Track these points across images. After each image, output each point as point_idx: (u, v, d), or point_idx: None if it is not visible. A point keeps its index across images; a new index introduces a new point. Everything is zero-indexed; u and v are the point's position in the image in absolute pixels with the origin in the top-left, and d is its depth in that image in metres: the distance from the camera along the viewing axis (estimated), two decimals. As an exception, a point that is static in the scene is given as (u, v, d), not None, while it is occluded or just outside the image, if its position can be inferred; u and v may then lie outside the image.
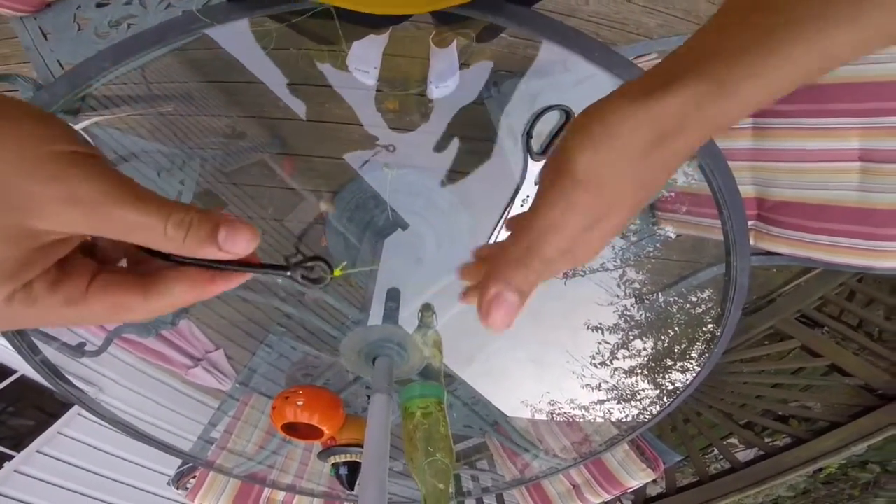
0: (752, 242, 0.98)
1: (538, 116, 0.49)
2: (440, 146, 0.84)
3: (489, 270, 0.27)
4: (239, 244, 0.22)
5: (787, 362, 2.25)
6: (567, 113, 0.49)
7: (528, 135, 0.51)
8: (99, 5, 0.92)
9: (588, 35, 0.46)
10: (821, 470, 2.83)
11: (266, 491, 1.30)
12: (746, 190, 0.95)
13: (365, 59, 0.96)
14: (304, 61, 0.77)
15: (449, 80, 0.97)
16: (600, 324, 1.02)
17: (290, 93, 0.85)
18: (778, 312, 2.19)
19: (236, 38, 0.60)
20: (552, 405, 1.09)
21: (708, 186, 0.56)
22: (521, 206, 0.58)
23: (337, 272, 0.25)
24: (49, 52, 0.93)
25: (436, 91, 0.99)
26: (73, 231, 0.19)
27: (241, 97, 0.89)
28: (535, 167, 0.55)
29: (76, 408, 2.69)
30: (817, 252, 0.92)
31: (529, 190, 0.57)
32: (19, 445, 2.54)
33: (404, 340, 0.64)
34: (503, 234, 0.66)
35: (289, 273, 0.25)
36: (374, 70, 1.01)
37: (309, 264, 0.25)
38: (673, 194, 1.00)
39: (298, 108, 0.88)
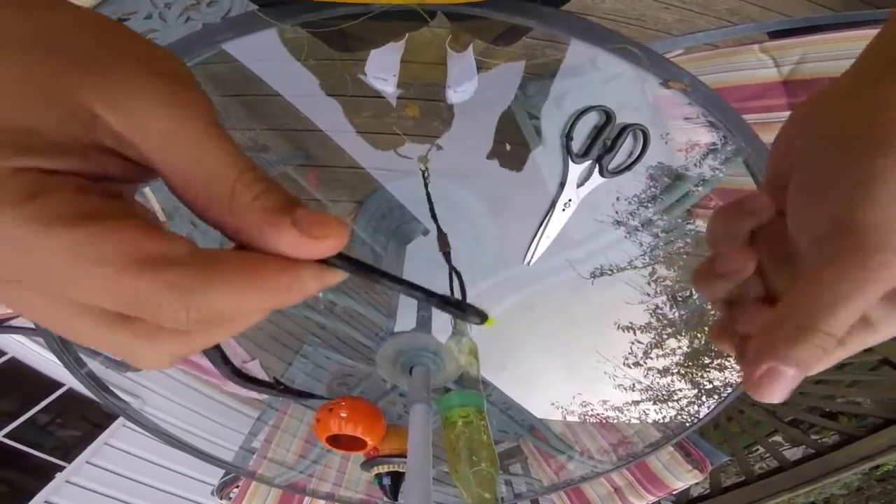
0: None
1: (578, 118, 0.48)
2: (465, 150, 0.84)
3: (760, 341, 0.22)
4: (324, 227, 0.17)
5: (833, 356, 2.15)
6: (607, 114, 0.48)
7: (568, 137, 0.51)
8: (120, 20, 0.95)
9: (616, 33, 0.45)
10: (876, 467, 2.70)
11: (306, 500, 1.32)
12: None
13: (383, 66, 0.96)
14: (325, 70, 0.78)
15: (467, 85, 0.97)
16: (631, 323, 1.00)
17: (311, 103, 0.86)
18: (821, 304, 2.10)
19: (253, 49, 0.61)
20: (584, 407, 1.08)
21: (753, 181, 0.54)
22: (563, 210, 0.57)
23: (489, 323, 0.25)
24: None
25: (454, 96, 0.99)
26: (123, 130, 0.15)
27: (262, 109, 0.91)
28: (575, 170, 0.54)
29: (121, 419, 2.80)
30: None
31: (571, 193, 0.57)
32: (68, 456, 2.66)
33: (439, 349, 0.64)
34: (545, 242, 0.66)
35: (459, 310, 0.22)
36: (393, 77, 1.02)
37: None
38: (708, 191, 0.98)
39: (319, 118, 0.89)
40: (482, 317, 0.23)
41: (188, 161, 0.16)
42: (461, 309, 0.22)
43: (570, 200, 0.59)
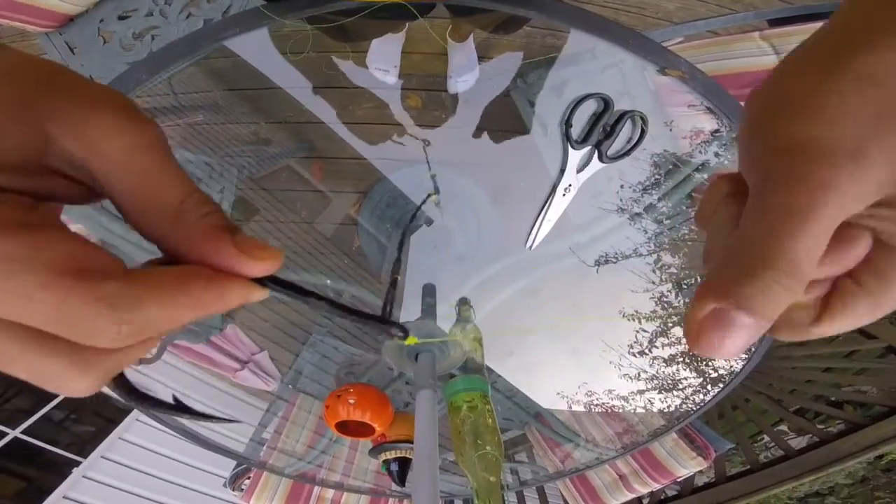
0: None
1: (577, 105, 0.49)
2: (467, 139, 0.84)
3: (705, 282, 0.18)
4: (263, 250, 0.18)
5: (839, 345, 2.14)
6: (605, 101, 0.48)
7: (567, 123, 0.51)
8: (121, 17, 0.95)
9: (615, 22, 0.45)
10: (881, 457, 2.69)
11: (316, 489, 1.34)
12: None
13: (385, 57, 0.97)
14: (326, 63, 0.79)
15: (468, 75, 0.97)
16: (636, 311, 1.00)
17: (313, 96, 0.87)
18: (828, 293, 2.09)
19: (255, 43, 0.61)
20: (589, 396, 1.08)
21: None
22: (564, 195, 0.58)
23: (411, 340, 0.27)
24: (80, 66, 0.96)
25: (456, 85, 0.99)
26: (82, 156, 0.16)
27: (264, 103, 0.91)
28: (575, 156, 0.54)
29: (134, 413, 2.83)
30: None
31: (571, 179, 0.57)
32: (83, 451, 2.70)
33: (444, 336, 0.65)
34: (546, 227, 0.67)
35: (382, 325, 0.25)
36: (395, 69, 1.02)
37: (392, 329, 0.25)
38: (706, 177, 0.98)
39: (321, 111, 0.90)
40: (405, 332, 0.25)
41: (139, 180, 0.17)
42: (388, 324, 0.25)
43: (570, 185, 0.60)
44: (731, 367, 1.02)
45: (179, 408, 0.27)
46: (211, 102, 0.90)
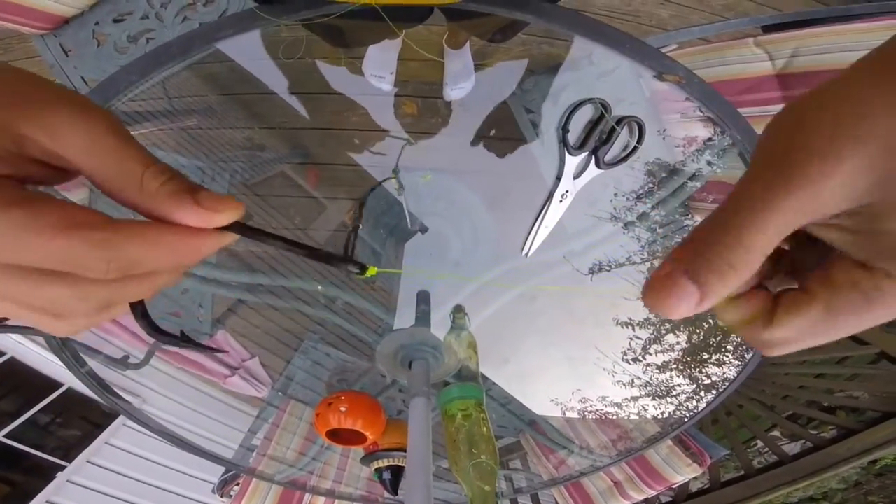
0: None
1: (574, 111, 0.49)
2: (463, 146, 0.84)
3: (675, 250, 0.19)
4: (221, 203, 0.21)
5: (832, 351, 2.16)
6: (603, 105, 0.48)
7: (564, 129, 0.51)
8: (116, 20, 0.94)
9: (613, 28, 0.45)
10: (874, 462, 2.71)
11: (307, 496, 1.32)
12: None
13: (381, 64, 0.96)
14: (319, 69, 0.78)
15: (464, 82, 0.97)
16: (630, 319, 1.00)
17: (305, 102, 0.86)
18: (819, 299, 2.10)
19: (249, 48, 0.61)
20: (583, 403, 1.08)
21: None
22: (560, 201, 0.57)
23: (372, 271, 0.27)
24: (73, 68, 0.95)
25: (452, 93, 0.99)
26: (53, 147, 0.19)
27: (259, 108, 0.91)
28: (572, 161, 0.54)
29: (121, 418, 2.80)
30: None
31: (568, 185, 0.57)
32: (69, 456, 2.66)
33: (438, 344, 0.65)
34: (543, 233, 0.67)
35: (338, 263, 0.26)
36: (391, 76, 1.02)
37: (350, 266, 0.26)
38: (699, 185, 0.98)
39: (315, 117, 0.90)
40: (362, 268, 0.27)
41: (105, 162, 0.20)
42: (345, 261, 0.27)
43: (566, 192, 0.59)
44: (725, 373, 1.02)
45: (185, 339, 0.30)
46: (205, 107, 0.89)
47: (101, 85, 0.52)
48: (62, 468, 2.59)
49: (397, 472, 0.72)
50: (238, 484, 1.34)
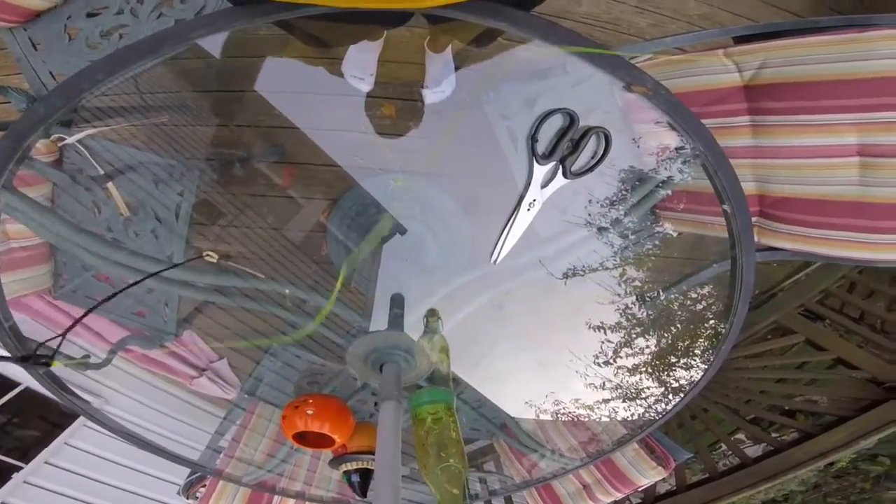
0: (755, 239, 0.98)
1: (543, 120, 0.49)
2: (437, 151, 0.84)
3: None
4: None
5: (792, 356, 2.24)
6: (571, 116, 0.49)
7: (534, 139, 0.51)
8: (90, 15, 0.91)
9: (585, 37, 0.46)
10: (832, 464, 2.82)
11: (276, 499, 1.30)
12: (748, 187, 0.95)
13: (360, 65, 0.96)
14: (297, 68, 0.77)
15: (444, 85, 0.97)
16: (602, 323, 1.02)
17: (284, 100, 0.85)
18: (780, 307, 2.19)
19: (227, 45, 0.60)
20: (556, 405, 1.09)
21: (711, 185, 0.56)
22: (528, 210, 0.58)
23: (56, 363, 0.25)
24: (41, 63, 0.92)
25: (431, 95, 0.99)
26: None
27: (235, 106, 0.89)
28: (540, 171, 0.55)
29: (82, 419, 2.70)
30: (818, 246, 0.93)
31: (535, 194, 0.57)
32: (26, 457, 2.55)
33: (411, 346, 0.65)
34: (511, 241, 0.67)
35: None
36: (370, 77, 1.01)
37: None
38: (670, 192, 1.01)
39: (293, 115, 0.88)
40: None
41: None
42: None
43: (534, 200, 0.60)
44: (692, 377, 1.04)
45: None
46: (178, 103, 0.87)
47: (67, 81, 0.51)
48: (19, 469, 2.49)
49: (366, 474, 0.71)
50: (205, 485, 1.31)
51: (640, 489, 1.34)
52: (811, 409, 2.07)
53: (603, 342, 1.03)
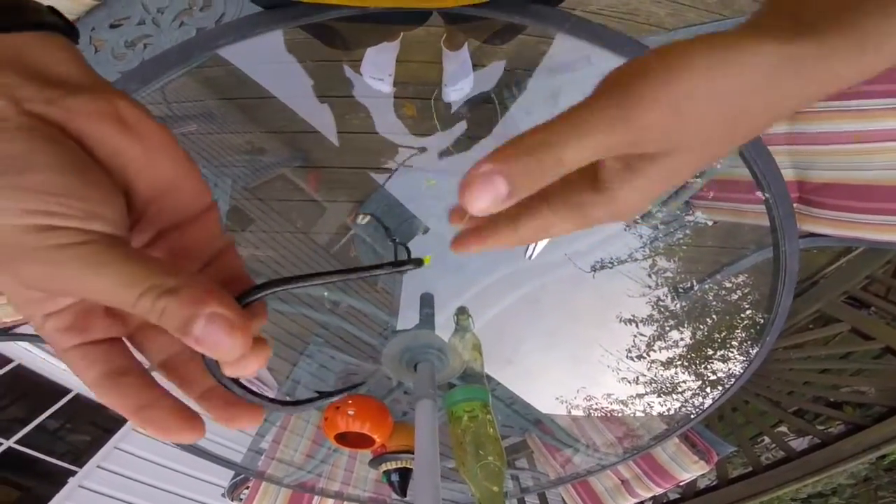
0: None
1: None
2: (462, 148, 0.84)
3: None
4: (221, 342, 0.17)
5: (836, 346, 2.15)
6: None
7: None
8: (112, 26, 0.94)
9: (611, 30, 0.45)
10: (883, 457, 2.69)
11: (315, 499, 1.33)
12: (786, 174, 0.94)
13: (379, 66, 0.97)
14: (322, 71, 0.78)
15: (462, 83, 0.97)
16: (633, 316, 1.00)
17: (307, 105, 0.87)
18: (823, 295, 2.10)
19: (248, 52, 0.61)
20: (589, 401, 1.08)
21: (749, 173, 0.54)
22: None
23: (427, 260, 0.27)
24: None
25: (451, 94, 0.99)
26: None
27: (258, 112, 0.91)
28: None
29: (129, 423, 2.81)
30: (863, 231, 0.91)
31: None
32: (78, 461, 2.67)
33: (443, 345, 0.65)
34: (542, 241, 0.67)
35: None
36: (389, 77, 1.02)
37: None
38: (702, 182, 0.98)
39: (317, 120, 0.90)
40: (417, 262, 0.26)
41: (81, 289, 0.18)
42: (404, 263, 0.26)
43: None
44: (730, 369, 1.01)
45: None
46: (204, 112, 0.89)
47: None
48: (73, 473, 2.61)
49: (405, 473, 0.72)
50: (248, 487, 1.35)
51: (681, 484, 1.31)
52: (859, 400, 1.98)
53: (635, 335, 1.01)
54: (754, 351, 0.90)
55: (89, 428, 2.86)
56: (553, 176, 0.20)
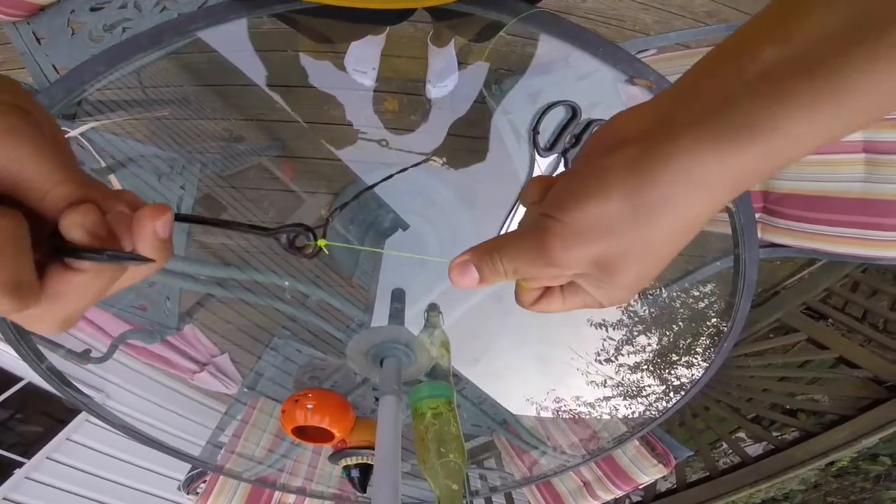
0: (758, 235, 0.98)
1: (544, 113, 0.49)
2: (441, 146, 0.84)
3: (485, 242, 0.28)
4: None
5: (794, 355, 2.24)
6: (573, 108, 0.48)
7: (535, 131, 0.51)
8: (93, 9, 0.91)
9: (591, 32, 0.46)
10: (832, 463, 2.81)
11: (277, 494, 1.30)
12: None
13: (363, 59, 0.96)
14: (300, 62, 0.77)
15: (447, 80, 0.97)
16: (604, 320, 1.02)
17: (286, 95, 0.85)
18: (783, 305, 2.18)
19: (231, 39, 0.60)
20: (558, 402, 1.09)
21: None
22: (529, 203, 0.58)
23: (321, 242, 0.27)
24: (44, 56, 0.92)
25: (434, 91, 0.98)
26: None
27: (238, 100, 0.89)
28: (543, 162, 0.54)
29: (84, 414, 2.70)
30: (821, 243, 0.92)
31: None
32: (28, 452, 2.56)
33: (411, 341, 0.64)
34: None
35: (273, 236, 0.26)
36: (373, 71, 1.01)
37: (292, 233, 0.26)
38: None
39: (296, 110, 0.88)
40: (315, 236, 0.29)
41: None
42: (297, 231, 0.28)
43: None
44: (693, 375, 1.04)
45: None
46: (181, 97, 0.87)
47: (69, 73, 0.50)
48: (20, 464, 2.49)
49: (366, 470, 0.71)
50: (205, 481, 1.31)
51: (640, 487, 1.34)
52: (813, 407, 2.07)
53: (605, 339, 1.03)
54: (714, 357, 0.93)
55: (41, 419, 2.74)
56: (504, 278, 0.27)
